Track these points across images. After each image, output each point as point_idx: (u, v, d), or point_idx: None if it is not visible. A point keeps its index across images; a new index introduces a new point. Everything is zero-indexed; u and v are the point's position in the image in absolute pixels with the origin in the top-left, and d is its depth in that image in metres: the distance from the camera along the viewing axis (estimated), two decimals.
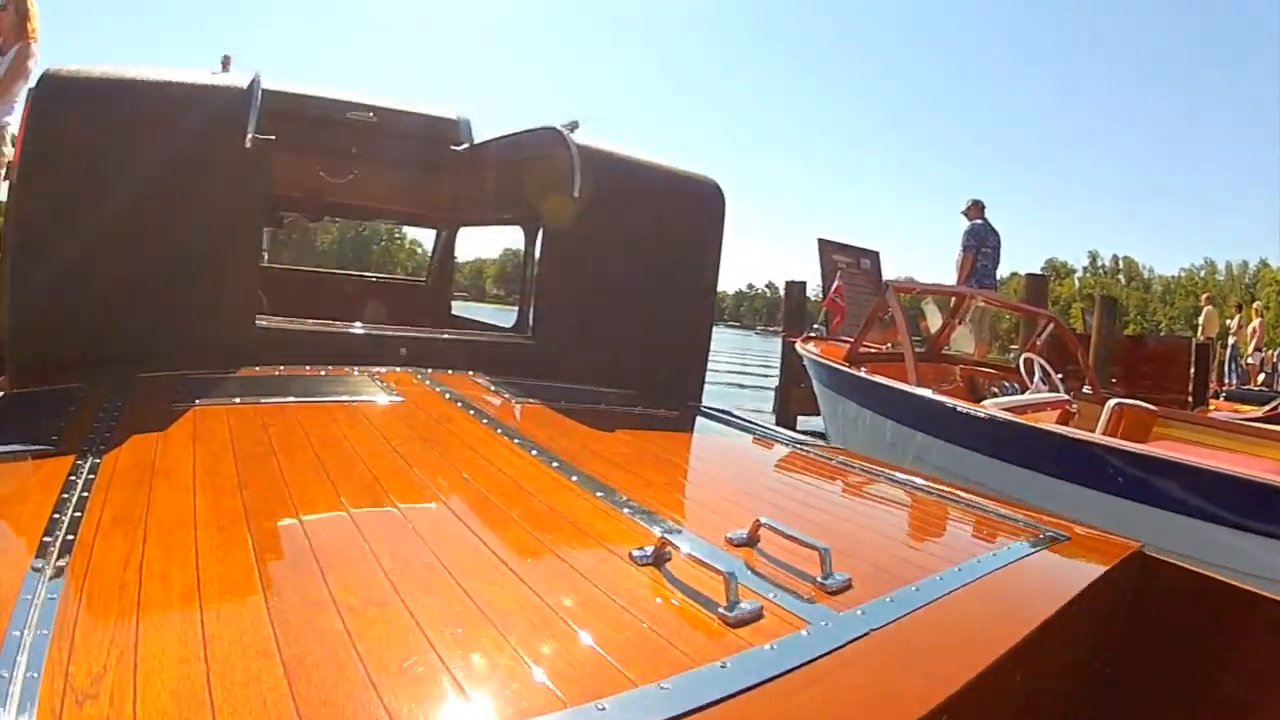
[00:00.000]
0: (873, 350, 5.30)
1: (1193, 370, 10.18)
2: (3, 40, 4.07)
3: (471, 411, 1.65)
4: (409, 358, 2.15)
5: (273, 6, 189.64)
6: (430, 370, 2.04)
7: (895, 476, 1.60)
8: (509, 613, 0.78)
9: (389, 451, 1.35)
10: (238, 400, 1.58)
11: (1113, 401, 4.08)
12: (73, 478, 1.07)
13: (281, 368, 1.93)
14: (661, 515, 1.12)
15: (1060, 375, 4.89)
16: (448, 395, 1.79)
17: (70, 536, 0.87)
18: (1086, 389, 5.14)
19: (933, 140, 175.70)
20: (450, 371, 2.08)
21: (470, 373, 2.10)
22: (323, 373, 1.93)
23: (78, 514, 0.95)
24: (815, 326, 5.89)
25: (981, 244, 7.31)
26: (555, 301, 2.41)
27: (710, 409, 2.23)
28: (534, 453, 1.38)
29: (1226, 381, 12.48)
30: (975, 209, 7.53)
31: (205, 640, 0.69)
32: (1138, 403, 4.21)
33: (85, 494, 1.02)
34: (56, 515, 0.93)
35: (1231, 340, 13.74)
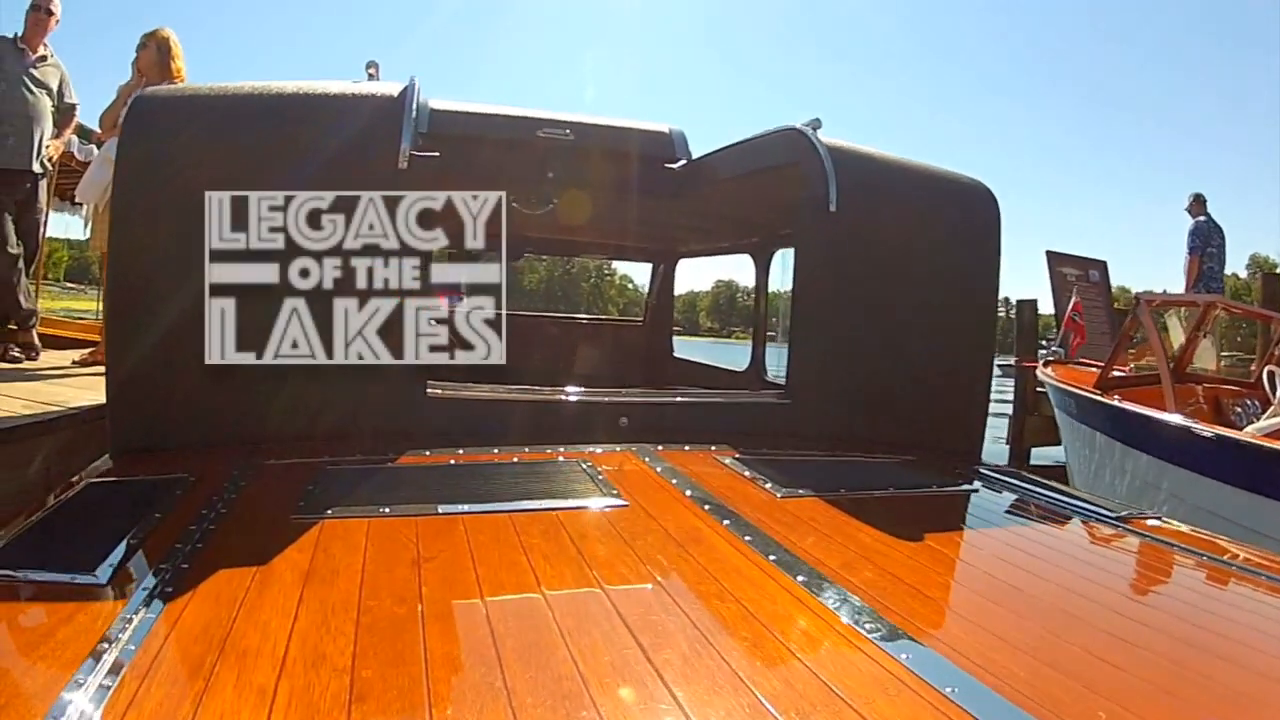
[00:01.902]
0: (1119, 374, 5.03)
1: None
2: (145, 80, 3.73)
3: (725, 521, 1.25)
4: (631, 429, 1.76)
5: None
6: (659, 448, 1.65)
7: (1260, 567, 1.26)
8: None
9: (605, 612, 0.91)
10: (386, 510, 1.19)
11: None
12: (103, 645, 0.77)
13: (459, 452, 1.53)
14: None
15: None
16: (688, 492, 1.39)
17: None
18: None
19: (1125, 135, 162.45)
20: (686, 448, 1.68)
21: (712, 448, 1.71)
22: (515, 459, 1.52)
23: None
24: (1053, 349, 5.60)
25: (1207, 243, 6.88)
26: (814, 348, 2.02)
27: (1001, 474, 1.83)
28: (826, 598, 0.97)
29: None
30: (1197, 204, 7.06)
31: None
32: None
33: (109, 683, 0.71)
34: None
35: None
